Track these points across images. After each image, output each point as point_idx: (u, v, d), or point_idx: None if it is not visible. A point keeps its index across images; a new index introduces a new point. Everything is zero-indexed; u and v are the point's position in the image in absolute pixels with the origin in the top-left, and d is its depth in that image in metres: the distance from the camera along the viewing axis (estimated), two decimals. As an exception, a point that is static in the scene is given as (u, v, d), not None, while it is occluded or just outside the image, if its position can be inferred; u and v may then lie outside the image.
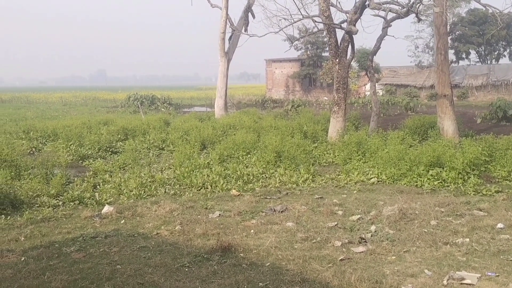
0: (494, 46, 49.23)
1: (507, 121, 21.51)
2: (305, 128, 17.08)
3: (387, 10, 15.01)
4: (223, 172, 11.12)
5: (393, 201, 8.38)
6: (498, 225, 6.48)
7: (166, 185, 10.52)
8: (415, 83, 45.28)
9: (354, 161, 12.32)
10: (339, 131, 15.80)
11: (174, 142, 16.03)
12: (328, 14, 15.52)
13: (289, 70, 51.38)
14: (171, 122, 21.58)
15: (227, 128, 18.27)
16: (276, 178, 10.82)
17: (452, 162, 10.38)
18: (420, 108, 31.43)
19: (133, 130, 18.44)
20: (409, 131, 16.56)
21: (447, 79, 16.27)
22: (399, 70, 49.32)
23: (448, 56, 16.77)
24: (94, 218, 7.92)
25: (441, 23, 15.75)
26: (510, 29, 43.49)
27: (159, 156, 15.00)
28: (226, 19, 25.24)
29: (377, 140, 13.47)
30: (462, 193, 9.24)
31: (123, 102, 41.92)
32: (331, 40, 15.95)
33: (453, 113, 16.08)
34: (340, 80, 16.04)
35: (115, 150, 15.82)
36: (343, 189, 10.04)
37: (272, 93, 52.43)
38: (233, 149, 13.59)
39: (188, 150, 13.32)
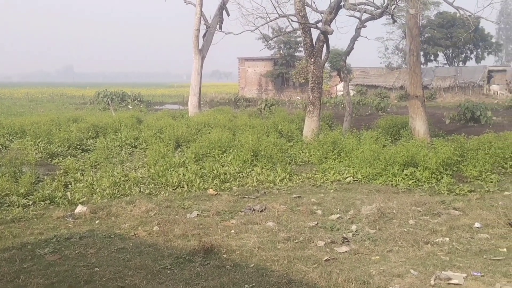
0: (461, 49, 50.65)
1: (475, 122, 22.13)
2: (280, 127, 17.07)
3: (362, 10, 15.16)
4: (199, 171, 10.97)
5: (370, 200, 8.45)
6: (475, 224, 6.61)
7: (141, 184, 10.28)
8: (385, 84, 46.11)
9: (329, 160, 12.38)
10: (314, 130, 15.87)
11: (147, 140, 15.74)
12: (304, 14, 15.56)
13: (262, 69, 51.42)
14: (143, 119, 21.19)
15: (201, 126, 18.07)
16: (253, 177, 10.74)
17: (425, 162, 10.58)
18: (391, 108, 32.02)
19: (104, 127, 18.00)
20: (382, 131, 16.79)
21: (419, 80, 16.56)
22: (369, 71, 50.12)
23: (420, 57, 17.11)
24: (67, 218, 7.66)
25: (414, 25, 16.02)
26: (477, 33, 44.80)
27: (132, 155, 14.70)
28: (200, 16, 24.99)
29: (352, 140, 13.59)
30: (437, 193, 9.41)
31: (92, 99, 41.01)
32: (307, 39, 15.99)
33: (425, 114, 16.40)
34: (315, 79, 16.11)
35: (86, 148, 15.39)
36: (320, 188, 10.06)
37: (245, 91, 52.35)
38: (209, 147, 13.43)
39: (162, 149, 13.07)
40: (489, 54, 52.83)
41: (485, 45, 51.05)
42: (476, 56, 51.71)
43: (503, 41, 77.66)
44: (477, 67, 46.53)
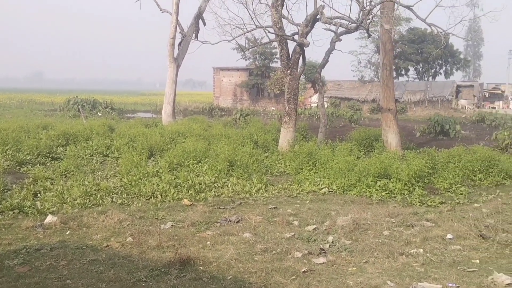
0: (431, 64, 52.11)
1: (444, 135, 22.69)
2: (255, 138, 17.06)
3: (338, 24, 15.38)
4: (174, 181, 10.82)
5: (345, 211, 8.52)
6: (448, 235, 6.73)
7: (113, 194, 10.04)
8: (358, 96, 46.91)
9: (305, 171, 12.44)
10: (290, 141, 15.95)
11: (119, 149, 15.43)
12: (281, 26, 15.69)
13: (237, 79, 51.53)
14: (115, 128, 20.82)
15: (176, 135, 17.87)
16: (229, 187, 10.68)
17: (398, 173, 10.78)
18: (363, 121, 32.56)
19: (74, 135, 17.56)
20: (356, 142, 17.00)
21: (392, 94, 16.89)
22: (343, 83, 50.91)
23: (392, 72, 17.46)
24: (36, 228, 7.41)
25: (388, 40, 16.37)
26: (446, 49, 46.18)
27: (104, 163, 14.37)
28: (176, 25, 24.86)
29: (327, 151, 13.74)
30: (409, 204, 9.57)
31: (62, 106, 40.07)
32: (283, 51, 16.11)
33: (397, 127, 16.71)
34: (291, 91, 16.21)
35: (56, 156, 14.97)
36: (295, 199, 10.08)
37: (219, 101, 52.27)
38: (183, 157, 13.27)
39: (135, 158, 12.83)
40: (458, 69, 54.55)
41: (454, 61, 52.69)
42: (445, 71, 53.31)
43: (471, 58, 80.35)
44: (446, 82, 47.92)
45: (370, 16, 14.15)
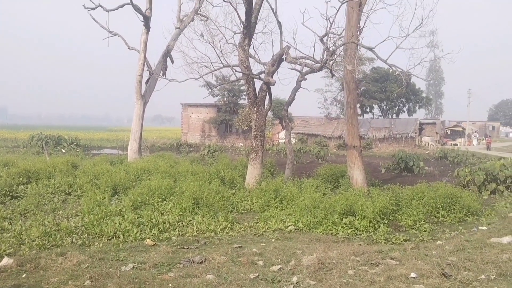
0: (394, 102, 53.89)
1: (408, 172, 23.20)
2: (222, 174, 16.97)
3: (303, 64, 15.76)
4: (137, 220, 10.56)
5: (311, 249, 8.45)
6: (411, 274, 6.74)
7: (73, 234, 9.69)
8: (324, 133, 47.75)
9: (271, 208, 12.40)
10: (257, 177, 15.94)
11: (82, 187, 15.04)
12: (247, 65, 15.95)
13: (206, 115, 51.73)
14: (79, 165, 20.34)
15: (141, 172, 17.58)
16: (193, 226, 10.48)
17: (363, 211, 10.87)
18: (330, 157, 33.01)
19: (36, 172, 17.04)
20: (322, 179, 17.14)
21: (356, 131, 17.24)
22: (310, 120, 51.83)
23: (357, 110, 17.87)
24: (-11, 272, 7.01)
25: (351, 79, 16.84)
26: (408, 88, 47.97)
27: (65, 202, 13.93)
28: (143, 63, 24.92)
29: (293, 188, 13.77)
30: (374, 241, 9.61)
31: (26, 142, 39.13)
32: (250, 89, 16.31)
33: (362, 163, 16.97)
34: (258, 128, 16.34)
35: (16, 194, 14.43)
36: (261, 238, 9.97)
37: (187, 137, 52.12)
38: (148, 195, 13.04)
39: (98, 196, 12.51)
40: (420, 107, 56.66)
41: (416, 99, 54.73)
42: (408, 109, 55.22)
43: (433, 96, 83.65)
44: (410, 119, 49.52)
45: (333, 57, 14.57)
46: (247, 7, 14.69)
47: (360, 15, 16.13)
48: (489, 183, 16.46)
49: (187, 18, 26.05)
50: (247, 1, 14.47)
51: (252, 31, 15.95)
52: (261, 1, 15.76)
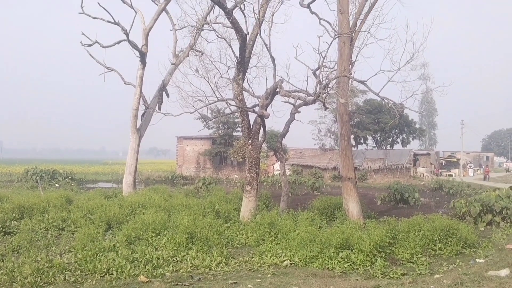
0: (388, 133, 54.28)
1: (404, 203, 23.13)
2: (217, 207, 16.87)
3: (296, 97, 15.96)
4: (131, 256, 10.41)
5: (307, 286, 8.33)
6: (409, 310, 6.65)
7: (66, 271, 9.53)
8: (319, 164, 47.81)
9: (267, 242, 12.27)
10: (252, 210, 15.84)
11: (76, 222, 14.89)
12: (242, 98, 16.10)
13: (201, 148, 51.81)
14: (73, 199, 20.18)
15: (135, 206, 17.44)
16: (188, 261, 10.33)
17: (360, 244, 10.76)
18: (325, 188, 32.90)
19: (30, 208, 16.87)
20: (318, 211, 17.06)
21: (351, 163, 17.28)
22: (304, 151, 51.96)
23: (350, 141, 17.97)
24: (-23, 313, 6.85)
25: (344, 112, 17.02)
26: (402, 119, 48.44)
27: (59, 238, 13.74)
28: (139, 97, 25.13)
29: (289, 221, 13.66)
30: (371, 276, 9.49)
31: (20, 177, 38.92)
32: (244, 122, 16.42)
33: (357, 195, 16.93)
34: (253, 160, 16.36)
35: (9, 230, 14.23)
36: (257, 273, 9.82)
37: (182, 169, 52.02)
38: (142, 229, 12.91)
39: (91, 231, 12.38)
40: (414, 138, 57.03)
41: (410, 130, 55.17)
42: (402, 140, 55.58)
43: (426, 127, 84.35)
44: (404, 150, 49.77)
45: (326, 90, 14.77)
46: (241, 43, 14.97)
47: (351, 49, 16.47)
48: (485, 214, 16.42)
49: (183, 53, 26.46)
50: (241, 37, 14.75)
51: (246, 65, 16.20)
52: (255, 36, 16.07)
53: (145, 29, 25.23)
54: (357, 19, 16.87)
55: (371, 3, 16.78)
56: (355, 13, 16.99)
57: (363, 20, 16.84)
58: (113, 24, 24.02)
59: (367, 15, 16.74)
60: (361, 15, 16.88)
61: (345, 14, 16.39)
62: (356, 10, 17.08)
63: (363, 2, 16.89)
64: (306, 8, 14.70)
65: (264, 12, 15.50)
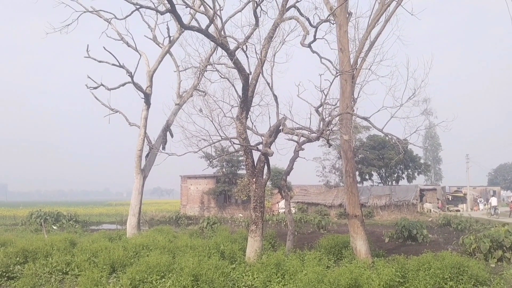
0: (393, 169, 54.03)
1: (412, 240, 22.73)
2: (222, 248, 16.60)
3: (300, 135, 16.00)
4: (135, 300, 10.19)
5: (316, 328, 8.08)
6: None
7: (69, 317, 9.33)
8: (324, 201, 47.40)
9: (274, 283, 12.03)
10: (257, 250, 15.58)
11: (80, 265, 14.66)
12: (245, 137, 16.17)
13: (205, 187, 51.64)
14: (77, 242, 19.95)
15: (139, 248, 17.19)
16: (193, 305, 10.09)
17: (369, 284, 10.55)
18: (331, 226, 32.51)
19: (34, 251, 16.65)
20: (325, 250, 16.76)
21: (357, 200, 17.11)
22: (309, 188, 51.68)
23: (356, 178, 17.87)
24: None
25: (348, 148, 17.01)
26: (406, 154, 48.35)
27: (62, 282, 13.53)
28: (144, 138, 25.29)
29: (296, 261, 13.42)
30: (382, 317, 9.20)
31: (24, 220, 38.76)
32: (248, 160, 16.42)
33: (365, 233, 16.66)
34: (257, 199, 16.24)
35: (13, 275, 14.03)
36: (264, 317, 9.55)
37: (186, 209, 51.66)
38: (146, 272, 12.67)
39: (95, 275, 12.20)
40: (419, 174, 56.67)
41: (415, 166, 54.92)
42: (407, 175, 55.23)
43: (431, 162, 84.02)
44: (410, 186, 49.39)
45: (329, 127, 14.83)
46: (244, 82, 15.18)
47: (353, 86, 16.65)
48: (495, 250, 16.11)
49: (186, 94, 26.83)
50: (244, 77, 14.97)
51: (249, 104, 16.36)
52: (258, 76, 16.30)
53: (149, 71, 25.70)
54: (358, 57, 17.14)
55: (371, 41, 17.10)
56: (355, 51, 17.29)
57: (363, 58, 17.11)
58: (118, 67, 24.49)
59: (367, 53, 17.03)
60: (362, 53, 17.16)
61: (346, 52, 16.67)
62: (356, 48, 17.38)
63: (363, 41, 17.21)
64: (307, 47, 14.96)
65: (266, 52, 15.80)
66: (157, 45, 26.13)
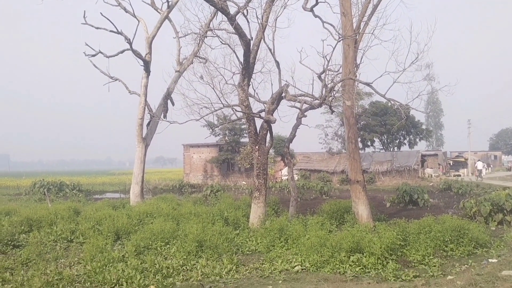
0: (395, 135, 53.97)
1: (413, 205, 22.92)
2: (226, 214, 16.78)
3: (302, 101, 15.88)
4: (140, 266, 10.33)
5: (319, 291, 8.23)
6: (424, 313, 6.53)
7: (76, 283, 9.49)
8: (327, 168, 47.58)
9: (277, 248, 12.18)
10: (261, 216, 15.75)
11: (84, 233, 14.86)
12: (247, 104, 16.07)
13: (207, 155, 51.78)
14: (81, 210, 20.18)
15: (143, 216, 17.39)
16: (198, 270, 10.24)
17: (371, 247, 10.64)
18: (334, 192, 32.74)
19: (38, 220, 16.85)
20: (327, 215, 16.92)
21: (359, 166, 17.15)
22: (312, 156, 51.79)
23: (358, 144, 17.86)
24: (-12, 327, 6.81)
25: (351, 115, 16.92)
26: (408, 120, 48.19)
27: (67, 249, 13.71)
28: (144, 106, 25.18)
29: (298, 226, 13.56)
30: (383, 279, 9.36)
31: (28, 189, 39.07)
32: (251, 128, 16.37)
33: (366, 198, 16.78)
34: (260, 166, 16.29)
35: (18, 243, 14.23)
36: (268, 279, 9.73)
37: (190, 177, 51.99)
38: (151, 239, 12.86)
39: (100, 242, 12.34)
40: (421, 139, 56.64)
41: (417, 132, 54.83)
42: (409, 141, 55.23)
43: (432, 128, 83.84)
44: (411, 152, 49.46)
45: (332, 93, 14.71)
46: (245, 48, 14.96)
47: (356, 52, 16.40)
48: (495, 213, 16.23)
49: (187, 61, 26.52)
50: (245, 43, 14.74)
51: (251, 71, 16.18)
52: (259, 42, 16.05)
53: (148, 38, 25.33)
54: (361, 21, 16.81)
55: (374, 5, 16.73)
56: (358, 15, 16.93)
57: (366, 22, 16.78)
58: (116, 34, 24.13)
59: (370, 17, 16.69)
60: (365, 17, 16.81)
61: (349, 16, 16.34)
62: (359, 12, 17.01)
63: (366, 4, 16.83)
64: (309, 11, 14.66)
65: (267, 17, 15.49)
66: (156, 10, 25.62)
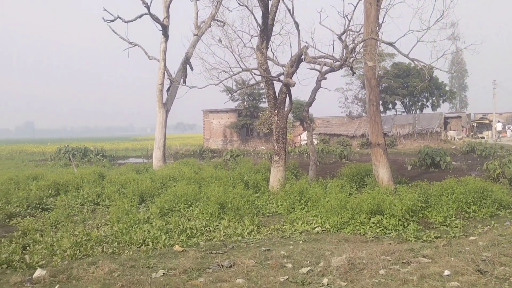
0: (417, 97, 52.95)
1: (435, 168, 22.75)
2: (246, 178, 16.99)
3: (322, 63, 15.65)
4: (165, 227, 10.65)
5: (339, 250, 8.36)
6: (445, 272, 6.58)
7: (103, 243, 9.84)
8: (347, 132, 47.28)
9: (297, 210, 12.34)
10: (280, 180, 15.88)
11: (110, 196, 15.30)
12: (266, 67, 15.93)
13: (227, 121, 51.92)
14: (106, 175, 20.67)
15: (166, 180, 17.75)
16: (220, 230, 10.51)
17: (391, 209, 10.69)
18: (353, 156, 32.66)
19: (65, 184, 17.39)
20: (347, 179, 16.97)
21: (380, 129, 17.00)
22: (331, 120, 51.41)
23: (379, 107, 17.63)
24: (25, 283, 7.15)
25: (372, 76, 16.64)
26: (431, 82, 47.11)
27: (94, 212, 14.17)
28: (164, 71, 25.21)
29: (318, 189, 13.67)
30: (404, 240, 9.44)
31: (53, 155, 40.02)
32: (270, 92, 16.29)
33: (387, 161, 16.71)
34: (280, 130, 16.29)
35: (46, 206, 14.75)
36: (289, 240, 9.91)
37: (210, 143, 52.41)
38: (174, 201, 13.17)
39: (125, 204, 12.73)
40: (444, 101, 55.44)
41: (440, 93, 53.64)
42: (432, 103, 54.14)
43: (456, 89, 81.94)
44: (434, 114, 48.60)
45: (353, 54, 14.44)
46: (263, 10, 14.70)
47: (378, 10, 15.94)
48: (520, 175, 16.02)
49: (205, 24, 26.25)
50: (264, 4, 14.48)
51: (270, 33, 15.94)
52: (278, 2, 15.73)
53: (165, 1, 25.09)
54: (383, -22, 16.25)
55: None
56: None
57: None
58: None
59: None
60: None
61: (370, -26, 15.81)
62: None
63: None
64: (329, -30, 14.22)
65: (286, -23, 15.11)
66: (173, -26, 25.21)
